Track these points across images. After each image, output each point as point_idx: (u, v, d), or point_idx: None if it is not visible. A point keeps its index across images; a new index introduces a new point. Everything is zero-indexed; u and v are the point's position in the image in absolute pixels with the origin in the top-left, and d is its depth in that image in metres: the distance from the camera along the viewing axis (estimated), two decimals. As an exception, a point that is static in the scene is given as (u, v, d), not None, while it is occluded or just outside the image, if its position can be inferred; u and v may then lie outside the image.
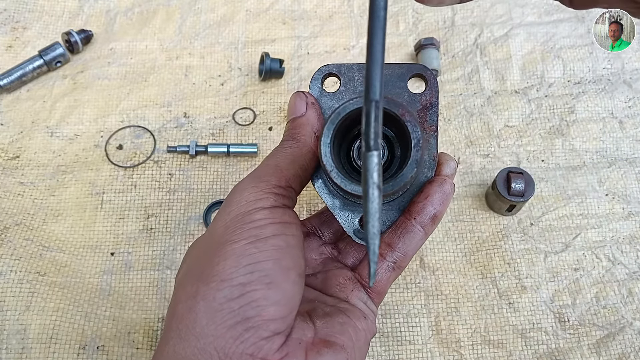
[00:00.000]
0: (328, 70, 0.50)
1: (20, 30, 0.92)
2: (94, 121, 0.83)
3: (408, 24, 0.95)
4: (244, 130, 0.84)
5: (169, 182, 0.79)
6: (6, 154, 0.80)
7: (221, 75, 0.89)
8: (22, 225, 0.73)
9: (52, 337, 0.65)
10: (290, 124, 0.49)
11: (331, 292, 0.50)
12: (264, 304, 0.40)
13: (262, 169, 0.47)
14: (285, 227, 0.43)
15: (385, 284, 0.50)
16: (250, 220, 0.42)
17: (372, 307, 0.50)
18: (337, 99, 0.50)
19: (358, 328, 0.45)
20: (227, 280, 0.40)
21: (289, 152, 0.47)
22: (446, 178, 0.48)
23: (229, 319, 0.39)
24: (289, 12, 0.96)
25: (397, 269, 0.49)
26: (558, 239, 0.75)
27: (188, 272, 0.44)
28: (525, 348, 0.68)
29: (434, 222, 0.48)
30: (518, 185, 0.72)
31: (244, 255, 0.41)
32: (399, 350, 0.68)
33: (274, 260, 0.41)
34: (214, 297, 0.40)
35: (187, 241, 0.75)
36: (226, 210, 0.44)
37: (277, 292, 0.41)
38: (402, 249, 0.48)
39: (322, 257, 0.54)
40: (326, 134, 0.44)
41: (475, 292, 0.72)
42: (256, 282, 0.40)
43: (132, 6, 0.95)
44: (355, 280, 0.50)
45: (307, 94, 0.49)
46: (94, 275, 0.71)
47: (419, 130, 0.42)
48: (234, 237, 0.42)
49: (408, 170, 0.43)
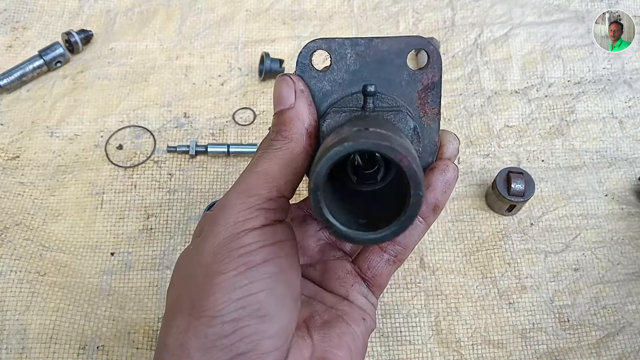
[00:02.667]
0: (317, 47, 0.45)
1: (20, 30, 0.92)
2: (94, 121, 0.83)
3: (408, 24, 0.95)
4: (244, 130, 0.84)
5: (169, 182, 0.79)
6: (6, 154, 0.80)
7: (221, 75, 0.89)
8: (22, 225, 0.73)
9: (52, 337, 0.65)
10: (277, 117, 0.44)
11: (331, 287, 0.48)
12: (257, 339, 0.38)
13: (250, 178, 0.43)
14: (277, 249, 0.41)
15: (385, 277, 0.48)
16: (239, 246, 0.39)
17: (373, 299, 0.48)
18: (328, 80, 0.45)
19: (357, 334, 0.44)
20: (219, 317, 0.38)
21: (279, 155, 0.43)
22: (448, 164, 0.45)
23: (222, 356, 0.37)
24: (289, 12, 0.96)
25: (397, 262, 0.48)
26: (558, 239, 0.75)
27: (178, 300, 0.42)
28: (525, 348, 0.68)
29: (436, 213, 0.46)
30: (518, 185, 0.72)
31: (234, 288, 0.38)
32: (399, 350, 0.68)
33: (267, 291, 0.39)
34: (206, 334, 0.38)
35: (187, 241, 0.75)
36: (213, 230, 0.41)
37: (272, 325, 0.39)
38: (402, 242, 0.47)
39: (319, 243, 0.52)
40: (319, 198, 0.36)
41: (475, 292, 0.72)
42: (249, 317, 0.38)
43: (132, 6, 0.96)
44: (355, 274, 0.48)
45: (295, 78, 0.44)
46: (94, 275, 0.71)
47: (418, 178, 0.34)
48: (223, 266, 0.39)
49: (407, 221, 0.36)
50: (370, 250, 0.48)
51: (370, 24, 0.95)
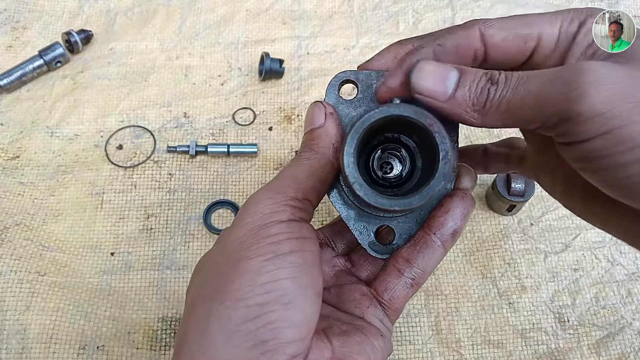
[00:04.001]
0: (345, 77, 0.48)
1: (20, 30, 0.92)
2: (94, 121, 0.84)
3: (408, 24, 0.95)
4: (244, 130, 0.84)
5: (169, 182, 0.79)
6: (6, 154, 0.80)
7: (221, 75, 0.89)
8: (22, 225, 0.73)
9: (52, 337, 0.65)
10: (308, 135, 0.47)
11: (345, 308, 0.47)
12: (281, 326, 0.38)
13: (278, 180, 0.44)
14: (302, 243, 0.41)
15: (402, 301, 0.47)
16: (267, 235, 0.40)
17: (389, 324, 0.47)
18: (354, 107, 0.48)
19: (376, 347, 0.43)
20: (244, 300, 0.38)
21: (307, 163, 0.45)
22: (468, 192, 0.46)
23: (245, 342, 0.37)
24: (289, 12, 0.96)
25: (415, 285, 0.47)
26: (558, 239, 0.76)
27: (200, 289, 0.41)
28: (525, 348, 0.68)
29: (454, 238, 0.46)
30: (518, 185, 0.72)
31: (261, 273, 0.39)
32: (399, 350, 0.68)
33: (293, 279, 0.39)
34: (230, 317, 0.38)
35: (187, 241, 0.75)
36: (240, 222, 0.42)
37: (295, 313, 0.39)
38: (421, 265, 0.46)
39: (335, 269, 0.52)
40: (349, 144, 0.41)
41: (475, 292, 0.72)
42: (274, 303, 0.38)
43: (132, 6, 0.96)
44: (371, 297, 0.48)
45: (326, 103, 0.47)
46: (94, 275, 0.71)
47: (447, 142, 0.40)
48: (250, 252, 0.39)
49: (435, 184, 0.40)
50: (388, 272, 0.47)
51: (370, 24, 0.95)
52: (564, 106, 0.35)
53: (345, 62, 0.91)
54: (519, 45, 0.42)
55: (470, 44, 0.42)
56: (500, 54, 0.42)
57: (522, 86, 0.37)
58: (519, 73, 0.38)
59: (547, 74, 0.36)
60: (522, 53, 0.42)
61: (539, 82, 0.36)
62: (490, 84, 0.38)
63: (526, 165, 0.53)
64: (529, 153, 0.52)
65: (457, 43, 0.42)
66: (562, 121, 0.35)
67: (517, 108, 0.37)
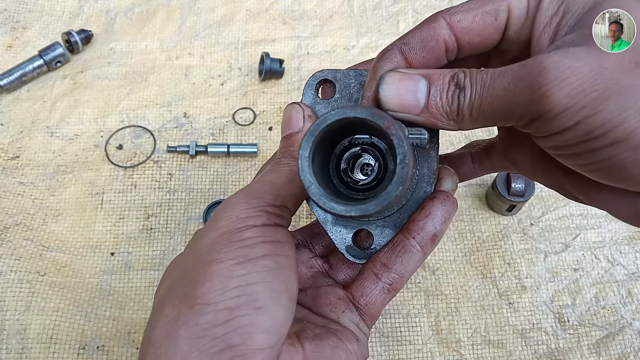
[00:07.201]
0: (323, 76, 0.47)
1: (20, 30, 0.92)
2: (94, 121, 0.84)
3: (408, 23, 0.95)
4: (244, 130, 0.84)
5: (169, 182, 0.79)
6: (6, 154, 0.80)
7: (221, 75, 0.89)
8: (22, 225, 0.73)
9: (52, 337, 0.65)
10: (286, 139, 0.46)
11: (321, 312, 0.47)
12: (251, 331, 0.37)
13: (256, 185, 0.44)
14: (276, 247, 0.40)
15: (379, 307, 0.47)
16: (239, 239, 0.39)
17: (365, 329, 0.47)
18: (332, 107, 0.47)
19: (350, 352, 0.43)
20: (213, 304, 0.36)
21: (287, 170, 0.44)
22: (449, 195, 0.45)
23: (212, 347, 0.36)
24: (289, 12, 0.96)
25: (392, 291, 0.46)
26: (558, 239, 0.76)
27: (169, 292, 0.40)
28: (525, 348, 0.68)
29: (434, 242, 0.45)
30: (518, 185, 0.72)
31: (231, 276, 0.37)
32: (399, 350, 0.68)
33: (265, 283, 0.38)
34: (197, 322, 0.36)
35: (186, 241, 0.75)
36: (214, 225, 0.41)
37: (266, 318, 0.37)
38: (399, 270, 0.45)
39: (312, 270, 0.51)
40: (304, 147, 0.39)
41: (475, 292, 0.72)
42: (244, 307, 0.37)
43: (132, 6, 0.96)
44: (347, 300, 0.47)
45: (304, 105, 0.46)
46: (94, 275, 0.71)
47: (405, 145, 0.37)
48: (221, 255, 0.38)
49: (392, 189, 0.37)
50: (365, 276, 0.47)
51: (370, 24, 0.95)
52: (531, 107, 0.35)
53: (345, 62, 0.91)
54: (490, 22, 0.41)
55: (437, 35, 0.41)
56: (473, 36, 0.42)
57: (487, 91, 0.37)
58: (483, 74, 0.37)
59: (509, 73, 0.36)
60: (496, 30, 0.41)
61: (503, 85, 0.36)
62: (458, 89, 0.38)
63: (495, 155, 0.53)
64: (501, 136, 0.52)
65: (422, 37, 0.42)
66: (532, 120, 0.36)
67: (488, 113, 0.38)
